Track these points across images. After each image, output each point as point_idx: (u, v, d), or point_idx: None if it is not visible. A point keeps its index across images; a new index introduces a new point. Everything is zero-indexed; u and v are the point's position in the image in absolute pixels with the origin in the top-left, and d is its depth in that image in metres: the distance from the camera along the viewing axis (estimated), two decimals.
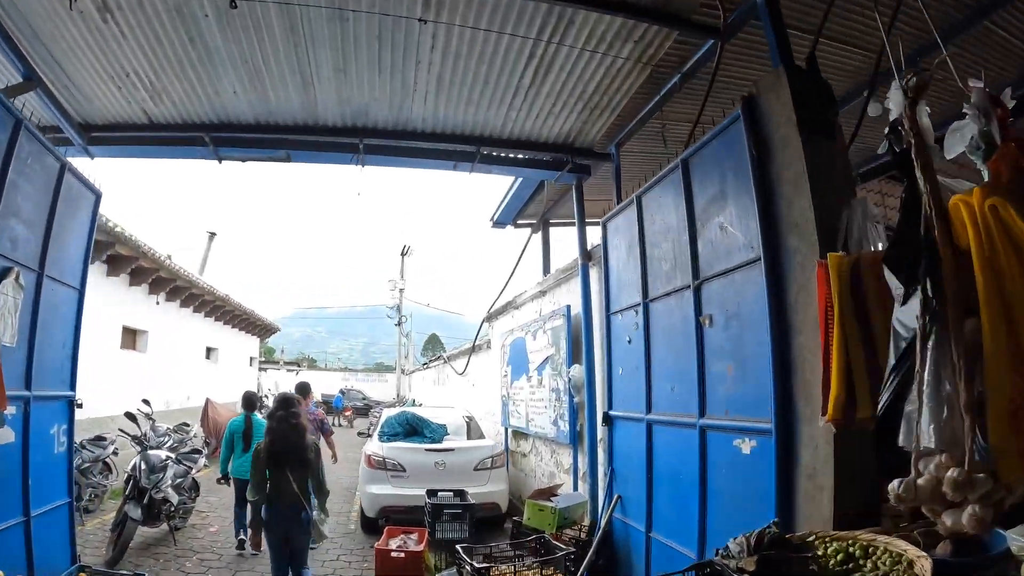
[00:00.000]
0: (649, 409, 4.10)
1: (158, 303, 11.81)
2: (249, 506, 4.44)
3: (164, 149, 5.26)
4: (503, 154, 5.62)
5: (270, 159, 5.36)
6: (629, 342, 4.51)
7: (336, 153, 5.28)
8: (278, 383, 25.58)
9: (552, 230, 8.79)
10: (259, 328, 20.57)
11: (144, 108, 4.56)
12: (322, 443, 4.95)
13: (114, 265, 9.73)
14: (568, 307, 6.06)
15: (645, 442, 4.08)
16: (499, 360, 9.20)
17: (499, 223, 8.76)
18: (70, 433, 4.30)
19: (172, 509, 5.57)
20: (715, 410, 3.33)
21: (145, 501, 5.12)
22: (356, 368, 41.10)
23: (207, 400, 11.27)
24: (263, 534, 3.89)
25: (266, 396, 21.94)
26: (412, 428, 7.35)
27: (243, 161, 5.49)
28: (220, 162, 5.19)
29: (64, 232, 4.14)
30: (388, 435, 7.20)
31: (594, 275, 5.55)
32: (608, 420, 4.83)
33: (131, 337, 11.05)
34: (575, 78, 4.23)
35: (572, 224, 6.20)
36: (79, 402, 4.39)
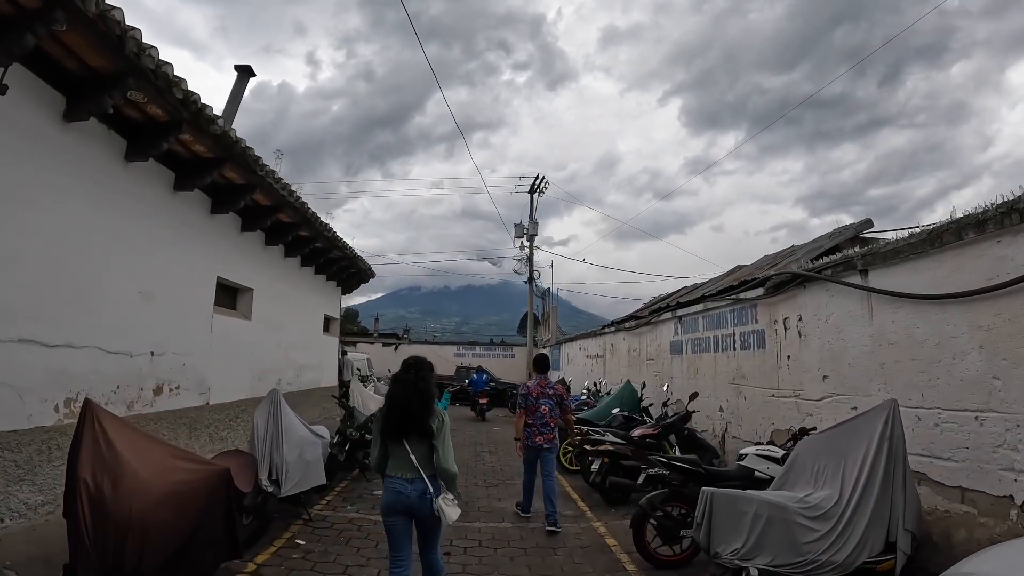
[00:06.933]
0: None
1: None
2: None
3: None
4: None
5: None
6: None
7: None
8: (371, 361, 18.27)
9: None
10: (338, 267, 12.31)
11: None
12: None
13: None
14: None
15: None
16: None
17: None
18: None
19: None
20: None
21: None
22: (474, 342, 31.59)
23: (88, 403, 2.76)
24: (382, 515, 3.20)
25: (368, 377, 14.86)
26: None
27: None
28: None
29: None
30: None
31: None
32: None
33: None
34: None
35: None
36: None
